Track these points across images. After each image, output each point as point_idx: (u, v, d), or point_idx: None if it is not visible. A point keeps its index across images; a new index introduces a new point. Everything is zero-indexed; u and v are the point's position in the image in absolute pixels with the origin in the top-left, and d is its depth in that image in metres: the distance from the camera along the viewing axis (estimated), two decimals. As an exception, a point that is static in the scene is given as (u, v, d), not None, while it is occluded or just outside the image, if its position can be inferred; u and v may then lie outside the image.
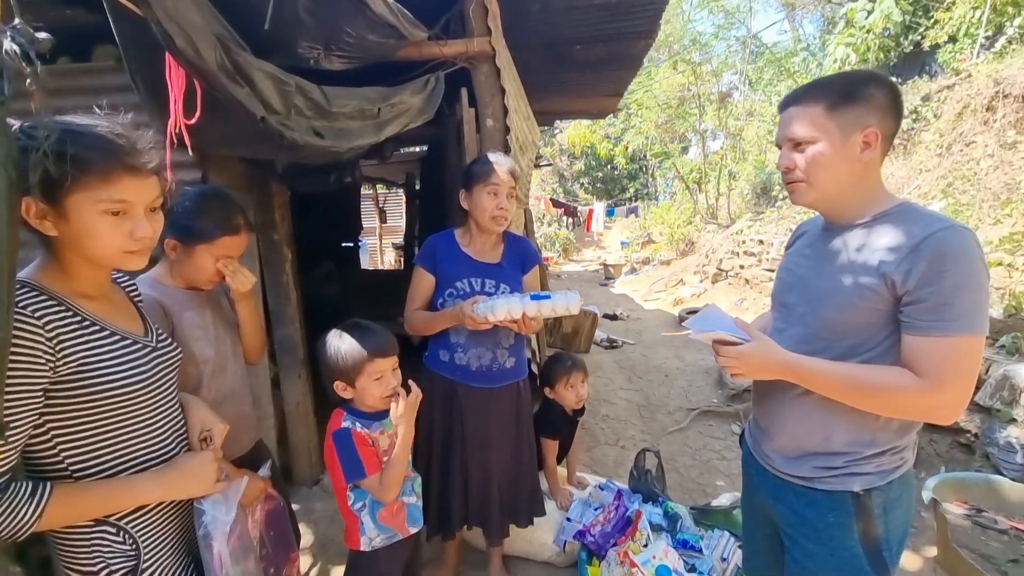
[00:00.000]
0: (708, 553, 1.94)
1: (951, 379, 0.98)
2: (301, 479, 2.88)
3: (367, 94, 1.82)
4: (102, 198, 0.86)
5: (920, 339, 1.00)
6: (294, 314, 2.73)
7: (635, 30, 3.22)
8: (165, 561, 1.02)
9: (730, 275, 7.84)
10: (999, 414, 2.74)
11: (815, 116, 1.08)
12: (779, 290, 1.30)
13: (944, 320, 0.97)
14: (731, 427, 3.71)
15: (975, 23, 7.34)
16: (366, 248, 10.80)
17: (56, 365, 0.85)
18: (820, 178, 1.10)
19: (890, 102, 1.06)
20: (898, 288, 1.01)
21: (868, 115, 1.05)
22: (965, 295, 0.96)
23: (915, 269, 0.98)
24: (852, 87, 1.07)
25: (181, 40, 1.03)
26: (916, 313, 1.00)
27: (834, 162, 1.08)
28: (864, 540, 1.11)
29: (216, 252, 1.36)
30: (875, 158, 1.08)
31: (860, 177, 1.09)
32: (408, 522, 1.55)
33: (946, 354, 0.97)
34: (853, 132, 1.05)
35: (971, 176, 5.62)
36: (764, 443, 1.28)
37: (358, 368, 1.42)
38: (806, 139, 1.09)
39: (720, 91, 12.66)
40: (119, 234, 0.89)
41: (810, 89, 1.12)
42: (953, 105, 6.53)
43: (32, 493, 0.82)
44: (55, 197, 0.83)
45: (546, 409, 2.35)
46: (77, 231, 0.86)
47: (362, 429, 1.44)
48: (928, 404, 1.01)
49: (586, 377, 2.36)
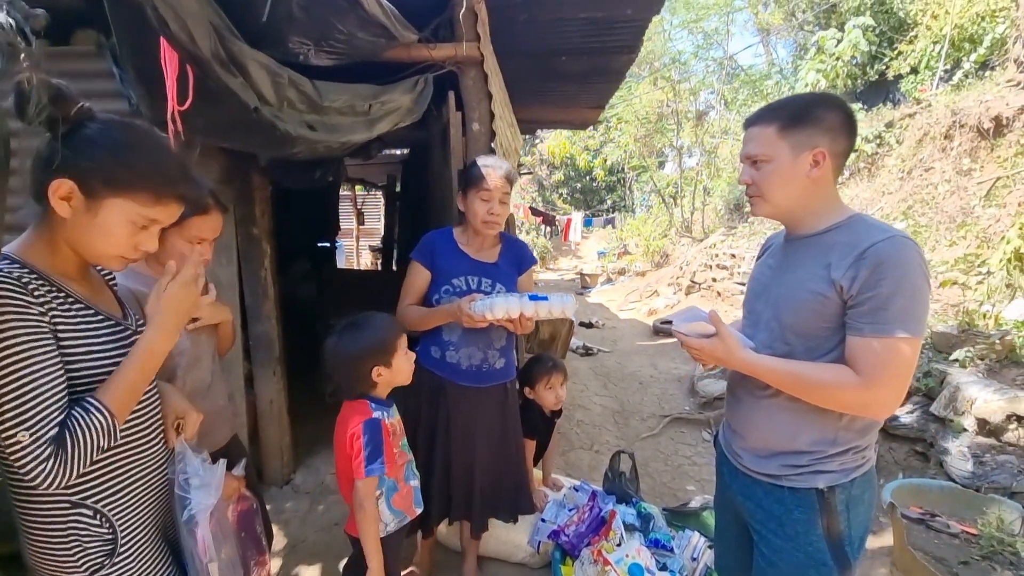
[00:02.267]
0: (679, 552, 1.98)
1: (884, 377, 1.05)
2: (272, 479, 2.82)
3: (358, 90, 1.84)
4: (142, 213, 0.89)
5: (858, 339, 1.08)
6: (271, 310, 2.69)
7: (619, 45, 3.32)
8: (141, 546, 1.01)
9: (703, 287, 8.04)
10: (952, 425, 2.89)
11: (769, 136, 1.17)
12: (747, 298, 1.39)
13: (879, 323, 1.04)
14: (702, 434, 3.80)
15: (935, 56, 7.79)
16: (342, 249, 10.67)
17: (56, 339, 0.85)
18: (774, 192, 1.19)
19: (841, 122, 1.15)
20: (844, 293, 1.08)
21: (816, 136, 1.13)
22: (899, 300, 1.03)
23: (859, 275, 1.06)
24: (802, 110, 1.16)
25: (176, 26, 1.02)
26: (856, 315, 1.08)
27: (785, 179, 1.17)
28: (828, 535, 1.16)
29: (187, 235, 1.32)
30: (825, 175, 1.16)
31: (811, 192, 1.18)
32: (415, 504, 1.61)
33: (879, 354, 1.05)
34: (803, 151, 1.14)
35: (929, 200, 5.92)
36: (735, 443, 1.33)
37: (394, 345, 1.48)
38: (761, 157, 1.18)
39: (697, 109, 13.03)
40: (129, 242, 0.91)
41: (766, 111, 1.21)
42: (914, 132, 6.89)
43: (86, 411, 0.85)
44: (97, 192, 0.85)
45: (524, 409, 2.37)
46: (97, 225, 0.87)
47: (387, 419, 1.48)
48: (863, 400, 1.09)
49: (566, 379, 2.39)
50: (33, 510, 0.92)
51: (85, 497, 0.93)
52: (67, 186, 0.83)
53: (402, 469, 1.57)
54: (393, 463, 1.47)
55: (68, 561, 0.92)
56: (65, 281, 0.92)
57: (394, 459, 1.47)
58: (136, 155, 0.87)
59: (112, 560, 0.95)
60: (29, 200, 0.88)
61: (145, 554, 1.01)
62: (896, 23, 9.20)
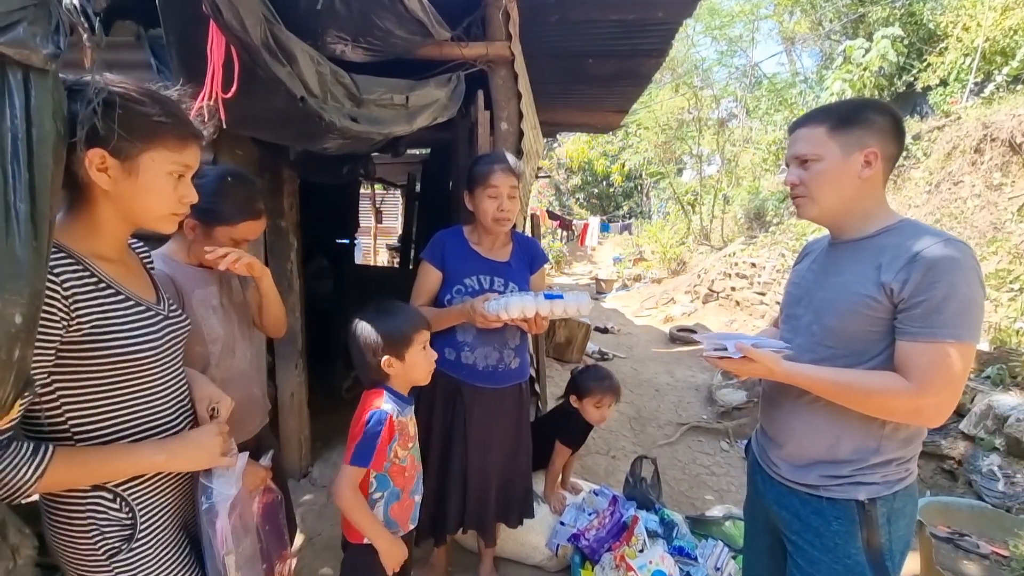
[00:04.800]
0: (703, 561, 1.95)
1: (936, 383, 1.02)
2: (290, 471, 2.83)
3: (392, 83, 1.84)
4: (176, 160, 0.92)
5: (909, 344, 1.05)
6: (296, 303, 2.71)
7: (648, 48, 3.30)
8: (161, 533, 1.00)
9: (721, 296, 7.94)
10: (982, 443, 2.81)
11: (818, 136, 1.15)
12: (786, 303, 1.36)
13: (932, 327, 1.02)
14: (720, 444, 3.74)
15: (966, 69, 7.63)
16: (360, 247, 10.74)
17: (69, 325, 0.84)
18: (823, 193, 1.17)
19: (890, 126, 1.13)
20: (895, 296, 1.06)
21: (867, 136, 1.12)
22: (953, 304, 1.01)
23: (911, 279, 1.03)
24: (852, 112, 1.15)
25: (229, 13, 1.04)
26: (908, 320, 1.05)
27: (835, 178, 1.15)
28: (867, 548, 1.13)
29: (235, 235, 1.36)
30: (876, 177, 1.14)
31: (861, 194, 1.15)
32: (411, 520, 1.52)
33: (932, 359, 1.02)
34: (853, 151, 1.12)
35: (958, 214, 5.79)
36: (771, 451, 1.30)
37: (409, 338, 1.40)
38: (810, 156, 1.17)
39: (719, 117, 12.92)
40: (173, 196, 0.94)
41: (815, 113, 1.20)
42: (943, 145, 6.74)
43: (34, 452, 0.80)
44: (129, 152, 0.87)
45: (567, 417, 2.30)
46: (142, 185, 0.89)
47: (398, 416, 1.40)
48: (914, 407, 1.06)
49: (617, 401, 2.32)
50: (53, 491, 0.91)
51: (108, 480, 0.92)
52: (99, 154, 0.84)
53: (411, 482, 1.49)
54: (383, 461, 1.38)
55: (86, 543, 0.92)
56: (99, 263, 0.91)
57: (384, 458, 1.38)
58: (145, 105, 0.88)
59: (130, 545, 0.94)
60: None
61: (164, 541, 1.00)
62: (926, 34, 9.03)
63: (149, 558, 0.97)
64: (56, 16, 0.80)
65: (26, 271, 0.71)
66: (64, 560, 0.95)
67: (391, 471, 1.43)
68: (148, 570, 0.97)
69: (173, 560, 1.01)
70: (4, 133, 0.72)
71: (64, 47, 0.82)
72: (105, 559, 0.93)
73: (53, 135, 0.79)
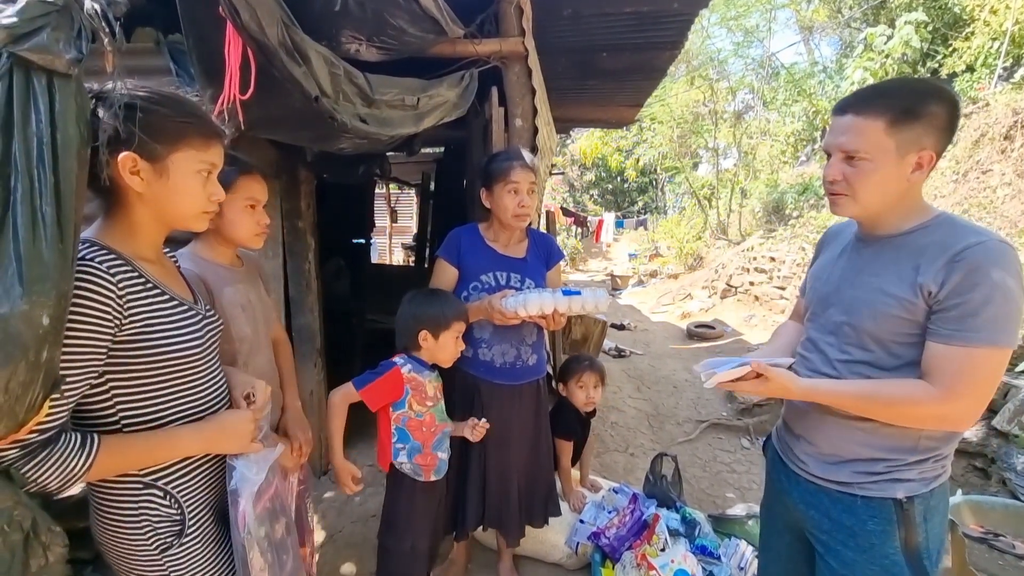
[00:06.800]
0: (726, 560, 1.92)
1: (964, 388, 0.98)
2: (311, 468, 2.86)
3: (406, 84, 1.84)
4: (202, 159, 0.95)
5: (941, 346, 1.00)
6: (314, 303, 2.74)
7: (663, 40, 3.25)
8: (206, 527, 1.03)
9: (739, 291, 7.82)
10: (1017, 440, 2.72)
11: (875, 132, 1.03)
12: (811, 298, 1.29)
13: (967, 330, 0.97)
14: (741, 441, 3.69)
15: (993, 54, 7.38)
16: (376, 247, 10.83)
17: (123, 324, 0.86)
18: (868, 194, 1.07)
19: (948, 121, 1.03)
20: (931, 297, 1.01)
21: (926, 135, 1.01)
22: (992, 308, 0.96)
23: (950, 280, 0.98)
24: (916, 103, 1.01)
25: (247, 14, 1.04)
26: (941, 321, 1.00)
27: (884, 181, 1.05)
28: (905, 548, 1.09)
29: (241, 197, 1.33)
30: (923, 177, 1.07)
31: (905, 194, 1.08)
32: (435, 472, 1.68)
33: (963, 364, 0.98)
34: (909, 152, 1.02)
35: (987, 204, 5.62)
36: (797, 447, 1.26)
37: (449, 322, 1.61)
38: (862, 155, 1.05)
39: (735, 109, 12.71)
40: (204, 194, 0.97)
41: (874, 97, 1.05)
42: (970, 133, 6.55)
43: (82, 444, 0.83)
44: (158, 154, 0.89)
45: (559, 409, 2.34)
46: (173, 186, 0.92)
47: (410, 373, 1.60)
48: (939, 413, 1.02)
49: (600, 381, 2.34)
50: (105, 489, 0.94)
51: (157, 478, 0.95)
52: (131, 158, 0.87)
53: (431, 437, 1.66)
54: (382, 399, 1.59)
55: (138, 539, 0.95)
56: (144, 264, 0.94)
57: (377, 404, 1.59)
58: (169, 107, 0.91)
59: (180, 540, 0.98)
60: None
61: (209, 534, 1.04)
62: (951, 19, 8.75)
63: (198, 551, 1.01)
64: (78, 22, 0.82)
65: (52, 273, 0.73)
66: (113, 556, 0.98)
67: (409, 425, 1.63)
68: (197, 562, 1.00)
69: (217, 552, 1.05)
70: (29, 137, 0.73)
71: (86, 52, 0.83)
72: (157, 554, 0.96)
73: (77, 139, 0.80)
